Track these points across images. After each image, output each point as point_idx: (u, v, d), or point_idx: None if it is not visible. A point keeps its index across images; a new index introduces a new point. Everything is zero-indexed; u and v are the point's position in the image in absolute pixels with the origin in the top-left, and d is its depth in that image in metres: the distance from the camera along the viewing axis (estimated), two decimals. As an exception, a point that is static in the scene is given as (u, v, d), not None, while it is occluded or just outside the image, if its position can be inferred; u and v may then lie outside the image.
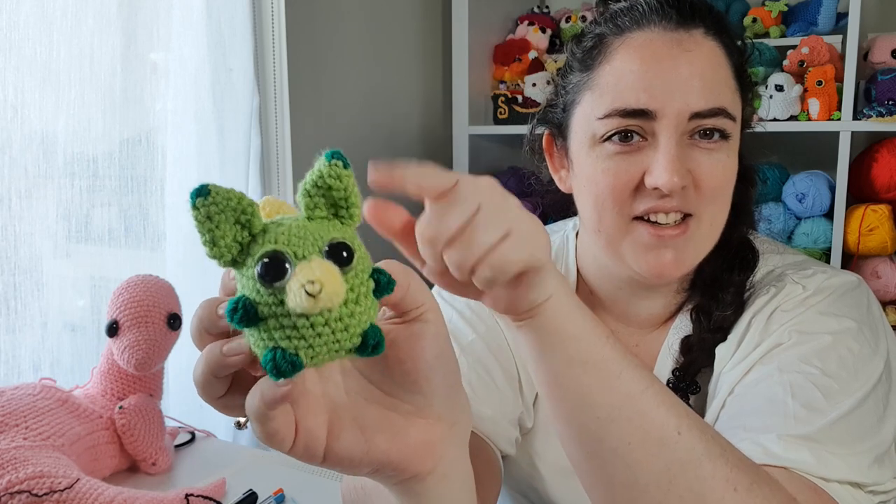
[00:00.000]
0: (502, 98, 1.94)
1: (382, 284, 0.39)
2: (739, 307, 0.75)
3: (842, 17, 1.67)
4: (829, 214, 1.63)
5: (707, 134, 0.70)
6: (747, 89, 0.75)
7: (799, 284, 0.74)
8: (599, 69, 0.73)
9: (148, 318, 0.94)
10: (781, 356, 0.69)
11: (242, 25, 1.37)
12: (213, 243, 0.37)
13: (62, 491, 0.76)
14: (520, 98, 1.92)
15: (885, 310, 1.59)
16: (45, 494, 0.75)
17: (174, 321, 0.97)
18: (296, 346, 0.36)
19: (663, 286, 0.80)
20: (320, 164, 0.39)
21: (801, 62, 1.61)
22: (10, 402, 0.85)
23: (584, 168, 0.75)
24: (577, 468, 0.60)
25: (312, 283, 0.34)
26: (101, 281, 1.20)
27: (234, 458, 1.01)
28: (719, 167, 0.70)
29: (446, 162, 1.97)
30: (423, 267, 0.51)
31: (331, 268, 0.35)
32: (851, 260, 1.60)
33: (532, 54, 1.96)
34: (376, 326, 0.38)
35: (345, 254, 0.37)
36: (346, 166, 0.39)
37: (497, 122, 1.96)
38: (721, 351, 0.74)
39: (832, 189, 1.62)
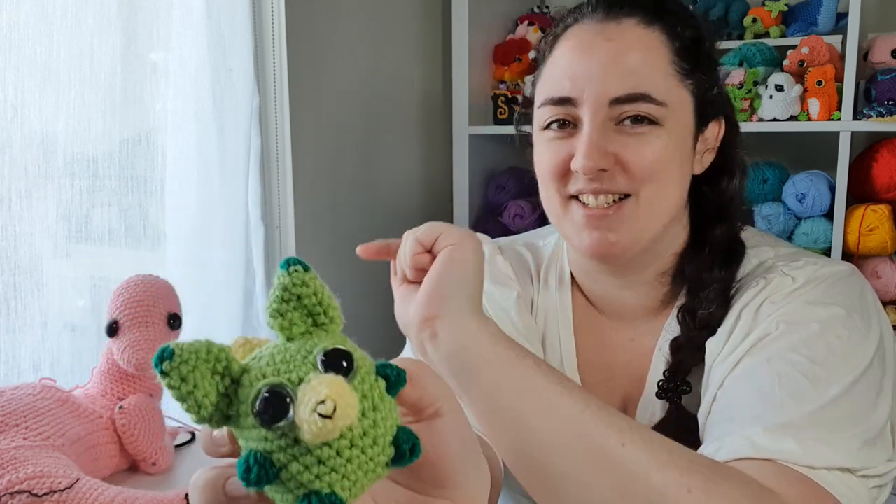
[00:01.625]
0: (502, 98, 1.94)
1: (393, 379, 0.35)
2: (725, 303, 0.75)
3: (842, 17, 1.67)
4: (829, 214, 1.63)
5: (638, 119, 0.72)
6: (703, 71, 0.75)
7: (788, 276, 0.74)
8: (544, 64, 0.78)
9: (148, 318, 0.94)
10: (769, 347, 0.69)
11: (242, 25, 1.37)
12: (197, 406, 0.32)
13: (62, 491, 0.76)
14: (520, 98, 1.92)
15: (885, 310, 1.59)
16: (45, 494, 0.75)
17: (174, 321, 0.96)
18: (329, 482, 0.31)
19: (635, 272, 0.80)
20: (280, 276, 0.35)
21: (801, 62, 1.61)
22: (10, 402, 0.85)
23: (536, 152, 0.80)
24: (533, 497, 0.61)
25: (323, 402, 0.30)
26: (101, 281, 1.20)
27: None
28: (647, 150, 0.72)
29: (446, 161, 1.98)
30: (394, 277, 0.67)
31: (335, 379, 0.31)
32: (851, 260, 1.60)
33: (532, 54, 1.96)
34: (405, 428, 0.34)
35: (343, 361, 0.33)
36: (306, 270, 0.35)
37: (497, 122, 1.96)
38: (711, 344, 0.74)
39: (832, 189, 1.62)
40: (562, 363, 0.86)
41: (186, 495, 0.81)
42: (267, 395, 0.31)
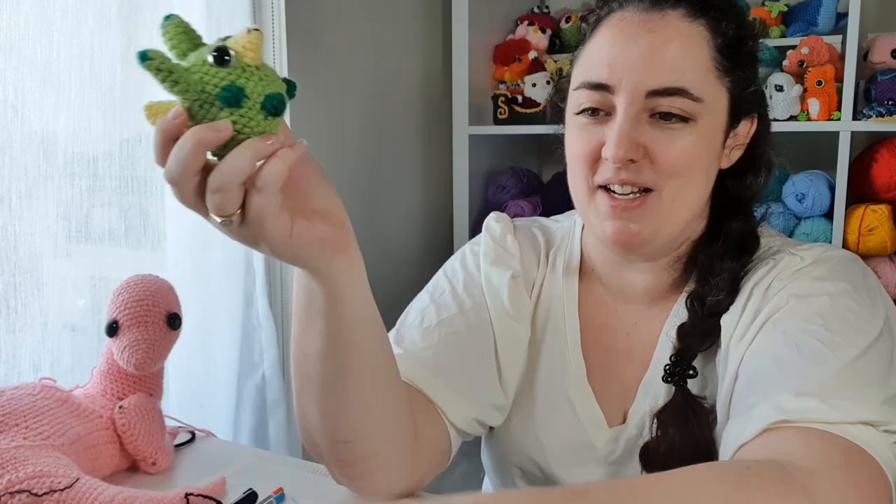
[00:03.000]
0: (502, 98, 1.94)
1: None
2: (734, 291, 0.77)
3: (842, 17, 1.67)
4: (828, 214, 1.63)
5: (666, 116, 0.72)
6: (742, 69, 0.76)
7: (797, 255, 0.76)
8: (584, 45, 0.78)
9: (148, 317, 0.94)
10: (783, 321, 0.70)
11: (242, 25, 1.36)
12: (184, 88, 0.50)
13: (62, 490, 0.76)
14: (520, 98, 1.92)
15: (884, 310, 1.59)
16: (45, 494, 0.75)
17: (174, 321, 0.97)
18: (273, 87, 0.50)
19: (648, 258, 0.82)
20: (163, 25, 0.55)
21: (801, 62, 1.61)
22: (10, 402, 0.85)
23: (567, 136, 0.80)
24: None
25: (247, 28, 0.50)
26: (101, 281, 1.21)
27: (234, 458, 1.01)
28: (676, 146, 0.72)
29: (446, 161, 1.98)
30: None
31: (244, 29, 0.50)
32: (851, 260, 1.60)
33: (532, 54, 1.96)
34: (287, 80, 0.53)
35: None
36: (168, 18, 0.54)
37: (497, 122, 1.96)
38: (726, 320, 0.76)
39: (832, 189, 1.62)
40: (566, 343, 0.88)
41: (187, 495, 0.81)
42: (214, 52, 0.49)
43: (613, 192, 0.75)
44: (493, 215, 0.96)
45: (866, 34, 1.65)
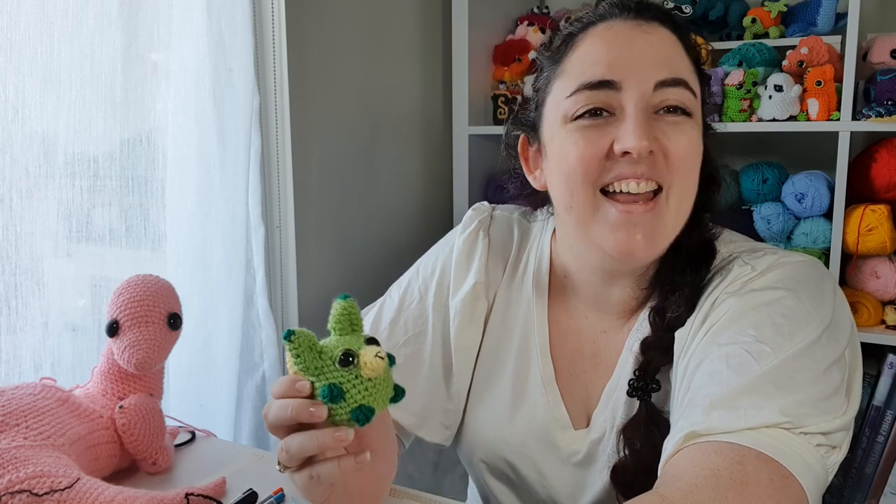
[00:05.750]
0: (502, 98, 1.94)
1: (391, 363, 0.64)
2: (692, 306, 0.77)
3: (841, 17, 1.67)
4: (828, 214, 1.63)
5: (671, 110, 0.74)
6: (703, 84, 0.81)
7: (748, 265, 0.76)
8: (566, 59, 0.78)
9: (148, 317, 0.94)
10: (720, 334, 0.71)
11: (242, 25, 1.37)
12: (305, 370, 0.61)
13: (62, 490, 0.76)
14: (520, 98, 1.92)
15: (884, 309, 1.59)
16: (45, 494, 0.75)
17: (174, 321, 0.97)
18: (370, 400, 0.61)
19: (631, 272, 0.83)
20: (338, 304, 0.64)
21: (801, 62, 1.61)
22: (10, 402, 0.85)
23: (555, 147, 0.78)
24: None
25: (379, 354, 0.60)
26: (102, 281, 1.21)
27: (234, 458, 1.01)
28: (685, 138, 0.74)
29: (446, 161, 1.98)
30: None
31: (377, 348, 0.61)
32: (851, 260, 1.60)
33: (532, 54, 1.96)
34: (397, 385, 0.64)
35: (375, 343, 0.63)
36: (346, 298, 0.64)
37: (497, 122, 1.96)
38: (679, 335, 0.77)
39: (831, 189, 1.62)
40: (533, 345, 0.90)
41: (187, 495, 0.81)
42: (342, 355, 0.61)
43: (627, 193, 0.73)
44: (473, 208, 0.97)
45: (866, 34, 1.65)
